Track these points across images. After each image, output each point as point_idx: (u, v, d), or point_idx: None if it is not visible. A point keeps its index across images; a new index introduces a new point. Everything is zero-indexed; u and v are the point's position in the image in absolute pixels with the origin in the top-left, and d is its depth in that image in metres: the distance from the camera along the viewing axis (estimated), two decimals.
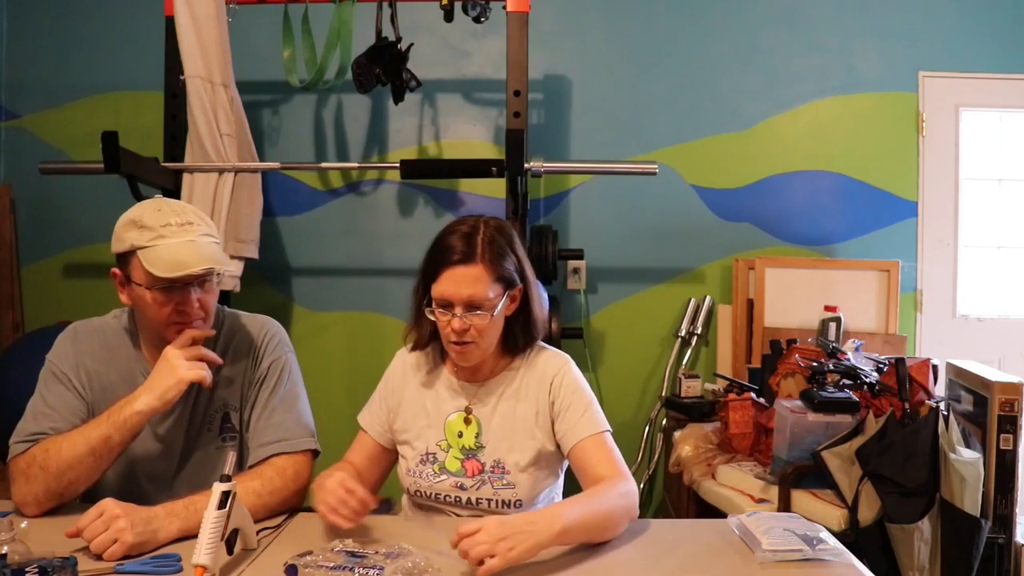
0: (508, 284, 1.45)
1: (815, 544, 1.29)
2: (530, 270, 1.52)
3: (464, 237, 1.43)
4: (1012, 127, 3.21)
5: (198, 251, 1.39)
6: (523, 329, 1.52)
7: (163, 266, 1.36)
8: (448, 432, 1.51)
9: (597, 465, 1.42)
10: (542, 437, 1.49)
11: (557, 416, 1.49)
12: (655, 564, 1.27)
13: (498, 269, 1.43)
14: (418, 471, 1.51)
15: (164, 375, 1.39)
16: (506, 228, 1.49)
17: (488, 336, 1.45)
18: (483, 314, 1.41)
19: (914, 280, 3.15)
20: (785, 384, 2.36)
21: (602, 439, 1.46)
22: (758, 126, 3.18)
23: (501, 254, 1.44)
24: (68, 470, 1.36)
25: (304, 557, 1.16)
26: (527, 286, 1.50)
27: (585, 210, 3.18)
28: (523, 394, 1.52)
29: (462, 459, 1.49)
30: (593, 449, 1.44)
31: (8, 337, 3.14)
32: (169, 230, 1.38)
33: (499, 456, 1.48)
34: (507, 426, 1.50)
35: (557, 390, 1.50)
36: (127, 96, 3.20)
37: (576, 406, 1.48)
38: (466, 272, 1.40)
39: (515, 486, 1.47)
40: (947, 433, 2.02)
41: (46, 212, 3.24)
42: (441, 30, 3.03)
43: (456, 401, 1.53)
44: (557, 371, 1.52)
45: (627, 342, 3.18)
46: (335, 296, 3.21)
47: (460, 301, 1.41)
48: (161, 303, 1.40)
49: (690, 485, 2.41)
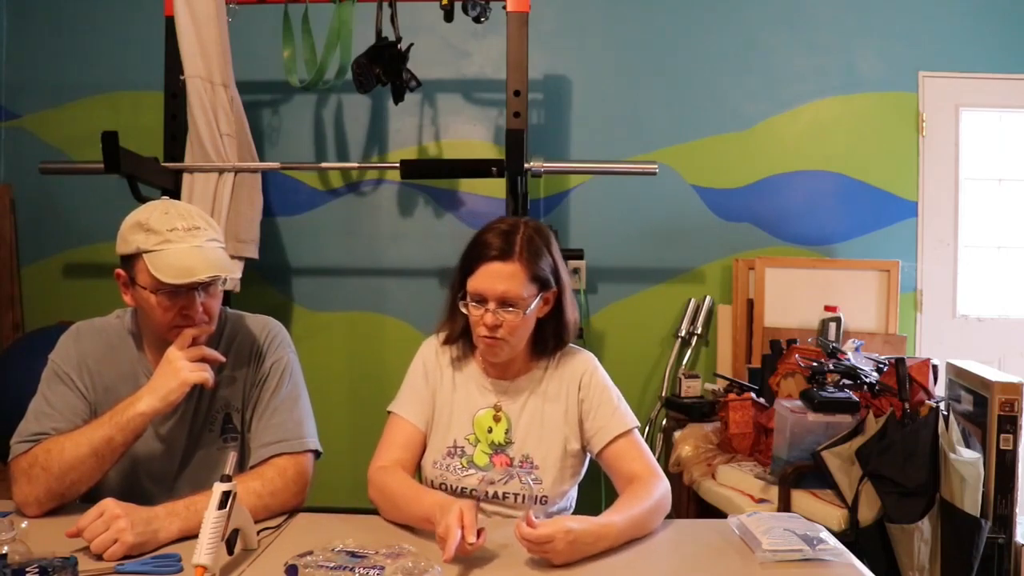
0: (543, 285, 1.47)
1: (815, 544, 1.29)
2: (566, 275, 1.54)
3: (503, 234, 1.46)
4: (1012, 127, 3.21)
5: (205, 257, 1.39)
6: (554, 332, 1.54)
7: (170, 272, 1.35)
8: (477, 427, 1.53)
9: (632, 463, 1.47)
10: (569, 435, 1.52)
11: (587, 415, 1.53)
12: (655, 564, 1.27)
13: (534, 268, 1.45)
14: (445, 464, 1.52)
15: (167, 377, 1.38)
16: (544, 230, 1.52)
17: (518, 334, 1.47)
18: (516, 311, 1.43)
19: (914, 280, 3.15)
20: (785, 384, 2.36)
21: (633, 437, 1.51)
22: (758, 126, 3.18)
23: (538, 254, 1.46)
24: (70, 471, 1.36)
25: (304, 557, 1.16)
26: (561, 290, 1.52)
27: (585, 210, 3.18)
28: (552, 393, 1.55)
29: (491, 454, 1.51)
30: (626, 448, 1.49)
31: (8, 337, 3.13)
32: (176, 235, 1.38)
33: (528, 452, 1.51)
34: (536, 423, 1.53)
35: (586, 389, 1.53)
36: (127, 96, 3.20)
37: (606, 405, 1.52)
38: (502, 268, 1.43)
39: (542, 482, 1.49)
40: (947, 433, 2.02)
41: (46, 212, 3.24)
42: (441, 30, 3.02)
43: (485, 397, 1.55)
44: (585, 370, 1.55)
45: (627, 342, 3.18)
46: (335, 296, 3.21)
47: (494, 296, 1.43)
48: (166, 307, 1.40)
49: (690, 485, 2.41)
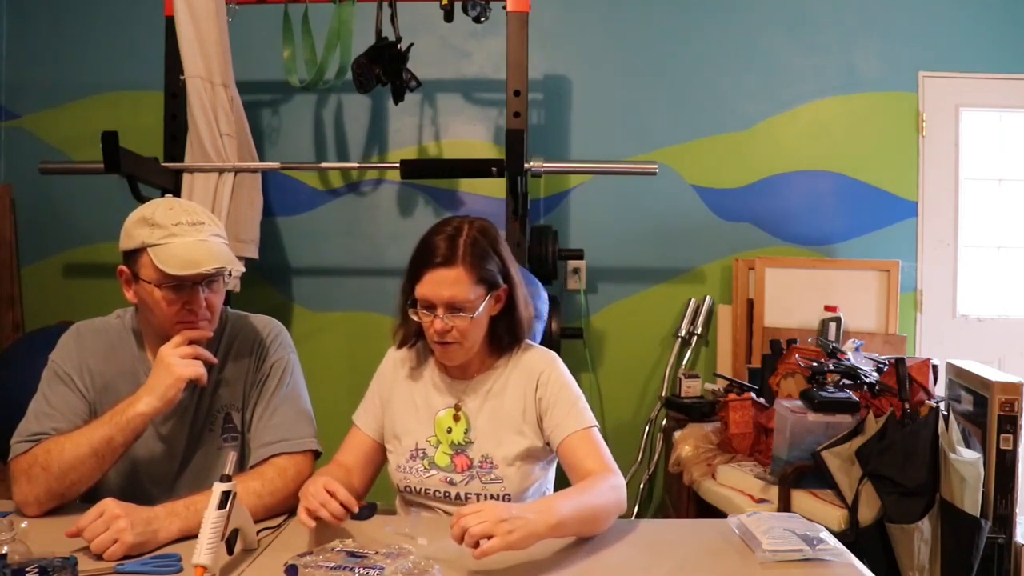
0: (491, 285, 1.47)
1: (815, 544, 1.29)
2: (515, 271, 1.53)
3: (447, 239, 1.44)
4: (1012, 127, 3.22)
5: (210, 250, 1.40)
6: (508, 329, 1.53)
7: (175, 264, 1.36)
8: (437, 428, 1.53)
9: (585, 460, 1.44)
10: (529, 433, 1.51)
11: (545, 413, 1.51)
12: (655, 564, 1.27)
13: (479, 271, 1.44)
14: (408, 467, 1.52)
15: (162, 375, 1.38)
16: (490, 230, 1.50)
17: (471, 336, 1.47)
18: (464, 316, 1.43)
19: (914, 280, 3.15)
20: (785, 384, 2.36)
21: (589, 434, 1.48)
22: (758, 126, 3.18)
23: (483, 256, 1.45)
24: (70, 471, 1.36)
25: (304, 557, 1.16)
26: (512, 287, 1.51)
27: (585, 210, 3.18)
28: (510, 390, 1.53)
29: (451, 454, 1.50)
30: (581, 444, 1.46)
31: (8, 337, 3.13)
32: (181, 229, 1.40)
33: (487, 451, 1.49)
34: (495, 422, 1.52)
35: (544, 387, 1.52)
36: (127, 96, 3.20)
37: (563, 403, 1.50)
38: (447, 274, 1.42)
39: (503, 480, 1.48)
40: (947, 433, 2.02)
41: (46, 212, 3.24)
42: (441, 30, 3.03)
43: (445, 398, 1.55)
44: (544, 368, 1.54)
45: (627, 342, 3.18)
46: (335, 296, 3.21)
47: (441, 302, 1.42)
48: (170, 301, 1.40)
49: (690, 485, 2.41)
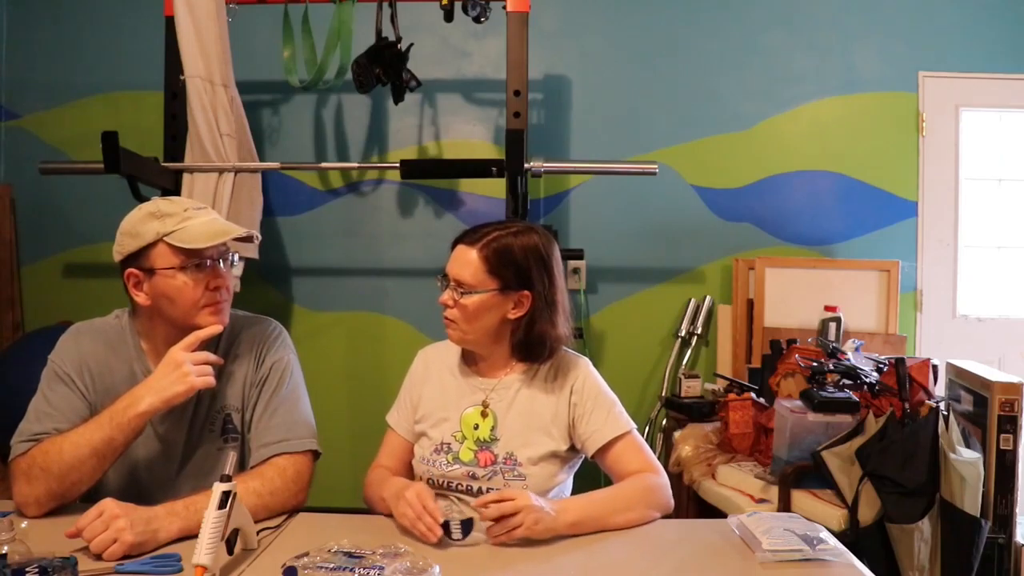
0: (504, 284, 1.49)
1: (815, 544, 1.29)
2: (544, 288, 1.52)
3: (490, 226, 1.52)
4: (1012, 127, 3.21)
5: (227, 224, 1.48)
6: (527, 340, 1.53)
7: (201, 238, 1.41)
8: (464, 424, 1.55)
9: (629, 464, 1.50)
10: (557, 436, 1.53)
11: (579, 420, 1.53)
12: (655, 564, 1.27)
13: (493, 264, 1.48)
14: (432, 459, 1.54)
15: (172, 378, 1.38)
16: (532, 245, 1.51)
17: (466, 320, 1.50)
18: (465, 296, 1.48)
19: (914, 280, 3.15)
20: (785, 384, 2.36)
21: (631, 438, 1.53)
22: (758, 126, 3.18)
23: (505, 254, 1.49)
24: (70, 471, 1.36)
25: (302, 558, 1.15)
26: (536, 299, 1.51)
27: (585, 210, 3.18)
28: (543, 394, 1.56)
29: (476, 450, 1.52)
30: (623, 450, 1.52)
31: (8, 337, 3.13)
32: (191, 212, 1.45)
33: (512, 449, 1.51)
34: (522, 422, 1.53)
35: (579, 393, 1.55)
36: (127, 96, 3.20)
37: (599, 409, 1.54)
38: (466, 252, 1.50)
39: (526, 478, 1.49)
40: (947, 433, 2.02)
41: (46, 212, 3.24)
42: (441, 30, 3.02)
43: (474, 395, 1.57)
44: (577, 375, 1.57)
45: (627, 342, 3.18)
46: (335, 296, 3.21)
47: (452, 275, 1.51)
48: (196, 280, 1.43)
49: (690, 485, 2.41)
